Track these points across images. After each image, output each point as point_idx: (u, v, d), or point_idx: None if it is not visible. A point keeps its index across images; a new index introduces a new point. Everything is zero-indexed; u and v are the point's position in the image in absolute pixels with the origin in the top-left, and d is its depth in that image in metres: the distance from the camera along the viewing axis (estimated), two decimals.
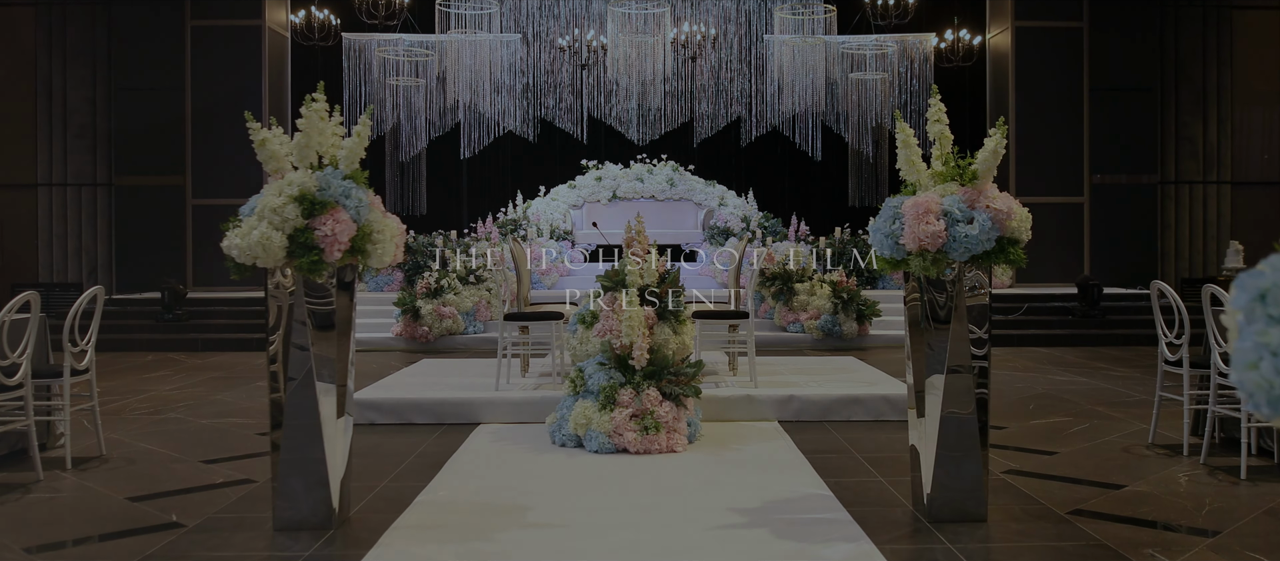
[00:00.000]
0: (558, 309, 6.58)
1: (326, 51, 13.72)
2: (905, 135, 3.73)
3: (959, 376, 3.70)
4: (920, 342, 3.80)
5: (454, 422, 5.78)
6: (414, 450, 5.08)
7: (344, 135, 3.84)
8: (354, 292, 3.83)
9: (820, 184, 14.52)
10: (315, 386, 3.67)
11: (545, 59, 13.90)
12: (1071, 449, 5.07)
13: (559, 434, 5.08)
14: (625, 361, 5.11)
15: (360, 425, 5.76)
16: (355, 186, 3.65)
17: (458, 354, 9.49)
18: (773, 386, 6.18)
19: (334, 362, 3.71)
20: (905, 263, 3.69)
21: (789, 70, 13.63)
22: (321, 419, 3.68)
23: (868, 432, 5.50)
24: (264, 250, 3.49)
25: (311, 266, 3.53)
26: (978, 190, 3.62)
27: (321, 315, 3.68)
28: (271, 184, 3.61)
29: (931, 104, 3.80)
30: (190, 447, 5.18)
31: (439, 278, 10.17)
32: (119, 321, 10.72)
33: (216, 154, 12.39)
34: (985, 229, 3.53)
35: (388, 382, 6.61)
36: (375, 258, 3.68)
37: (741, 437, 5.31)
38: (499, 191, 14.30)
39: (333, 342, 3.71)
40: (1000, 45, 13.49)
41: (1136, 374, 8.02)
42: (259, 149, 3.65)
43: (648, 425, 4.89)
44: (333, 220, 3.54)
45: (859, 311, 9.97)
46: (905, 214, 3.61)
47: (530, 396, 5.85)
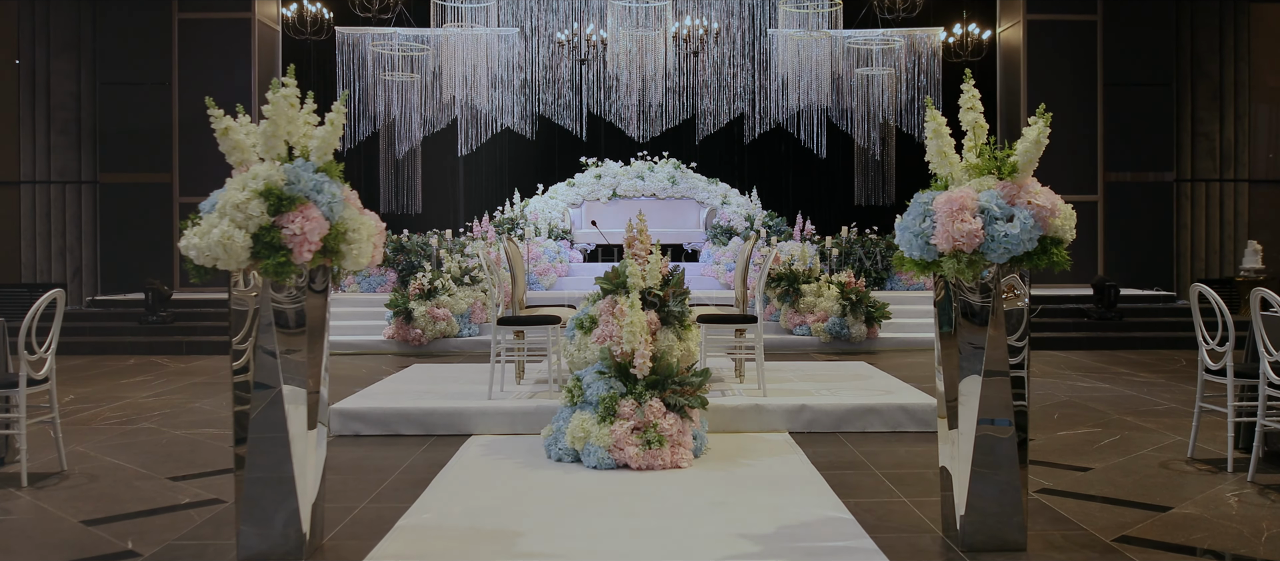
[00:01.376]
0: (555, 312, 6.22)
1: (319, 46, 13.37)
2: (936, 124, 3.37)
3: (995, 388, 3.35)
4: (952, 351, 3.45)
5: (443, 434, 5.42)
6: (399, 465, 4.73)
7: (318, 124, 3.48)
8: (328, 296, 3.47)
9: (825, 182, 14.17)
10: (284, 398, 3.32)
11: (544, 53, 13.54)
12: (1106, 464, 4.72)
13: (555, 448, 4.73)
14: (626, 370, 4.76)
15: (344, 437, 5.41)
16: (328, 180, 3.29)
17: (452, 357, 9.13)
18: (782, 395, 5.82)
19: (305, 370, 3.36)
20: (936, 265, 3.34)
21: (793, 65, 13.26)
22: (291, 434, 3.32)
23: (886, 446, 5.15)
24: (225, 251, 3.13)
25: (278, 269, 3.17)
26: (1018, 185, 3.27)
27: (291, 321, 3.33)
28: (235, 177, 3.26)
29: (964, 89, 3.44)
30: (159, 462, 4.83)
31: (433, 278, 9.82)
32: (101, 323, 10.37)
33: (205, 151, 12.00)
34: (1027, 228, 3.18)
35: (375, 390, 6.26)
36: (350, 259, 3.33)
37: (751, 451, 4.95)
38: (496, 189, 13.95)
39: (303, 349, 3.35)
40: (1011, 39, 13.14)
41: (1160, 380, 7.67)
42: (222, 138, 3.30)
43: (650, 439, 4.54)
44: (302, 217, 3.18)
45: (868, 313, 9.62)
46: (937, 211, 3.26)
47: (525, 406, 5.50)
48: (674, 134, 13.83)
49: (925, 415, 5.50)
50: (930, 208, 3.31)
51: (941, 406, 3.53)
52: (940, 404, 3.54)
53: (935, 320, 3.54)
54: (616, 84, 13.47)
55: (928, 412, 5.51)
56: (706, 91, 13.73)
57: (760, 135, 13.85)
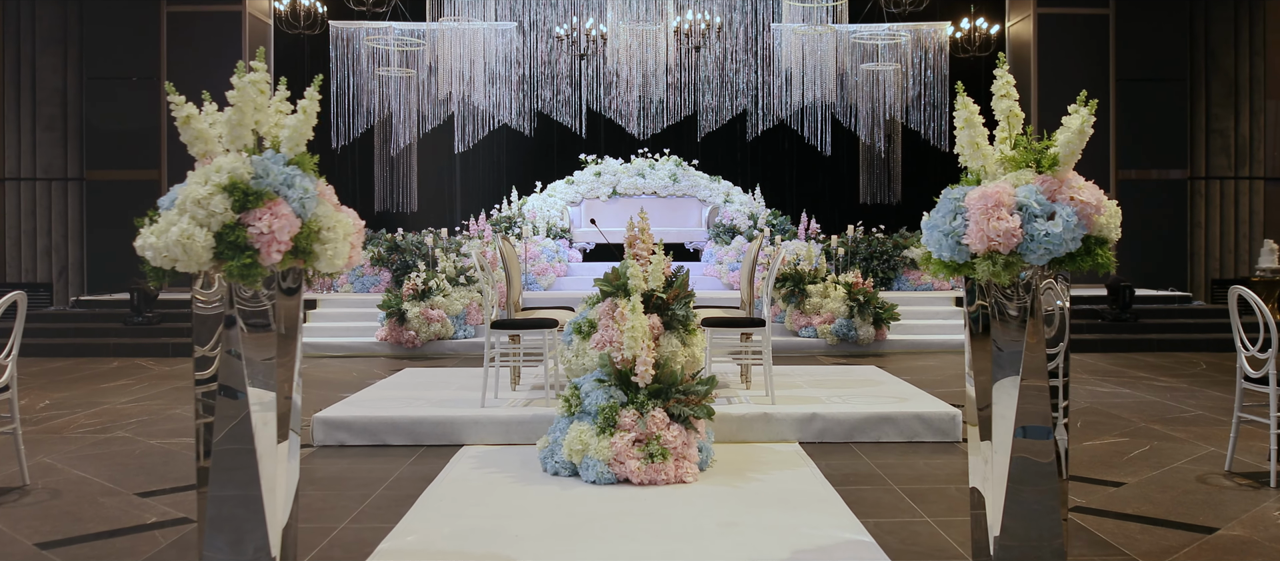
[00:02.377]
0: (552, 315, 5.92)
1: (313, 40, 13.07)
2: (969, 112, 3.07)
3: (1033, 400, 3.05)
4: (985, 359, 3.15)
5: (433, 444, 5.13)
6: (385, 479, 4.43)
7: (291, 113, 3.18)
8: (301, 299, 3.17)
9: (830, 180, 13.87)
10: (251, 410, 3.01)
11: (542, 49, 13.23)
12: (1139, 478, 4.42)
13: (551, 461, 4.44)
14: (627, 377, 4.46)
15: (328, 447, 5.11)
16: (300, 173, 2.99)
17: (446, 360, 8.84)
18: (791, 402, 5.53)
19: (274, 380, 3.05)
20: (968, 267, 3.04)
21: (797, 61, 12.97)
22: (259, 451, 3.02)
23: (903, 457, 4.85)
24: (185, 251, 2.83)
25: (244, 271, 2.87)
26: (1059, 179, 2.97)
27: (260, 327, 3.02)
28: (197, 170, 2.96)
29: (997, 75, 3.14)
30: (128, 475, 4.53)
31: (427, 278, 9.52)
32: (86, 324, 10.07)
33: None
34: (1070, 226, 2.88)
35: (363, 397, 5.96)
36: (325, 260, 3.02)
37: (760, 463, 4.66)
38: (493, 188, 13.65)
39: (273, 357, 3.05)
40: (1021, 34, 12.83)
41: (1182, 384, 7.37)
42: (183, 128, 3.00)
43: (653, 452, 4.24)
44: (271, 215, 2.88)
45: (876, 315, 9.32)
46: (970, 208, 2.96)
47: (520, 414, 5.20)
48: (675, 131, 13.53)
49: (943, 424, 5.21)
50: (962, 204, 3.01)
51: (972, 414, 3.23)
52: (970, 410, 3.24)
53: (966, 325, 3.24)
54: (616, 79, 13.17)
55: (946, 422, 5.21)
56: (708, 87, 13.43)
57: (763, 132, 13.56)
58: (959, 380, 7.54)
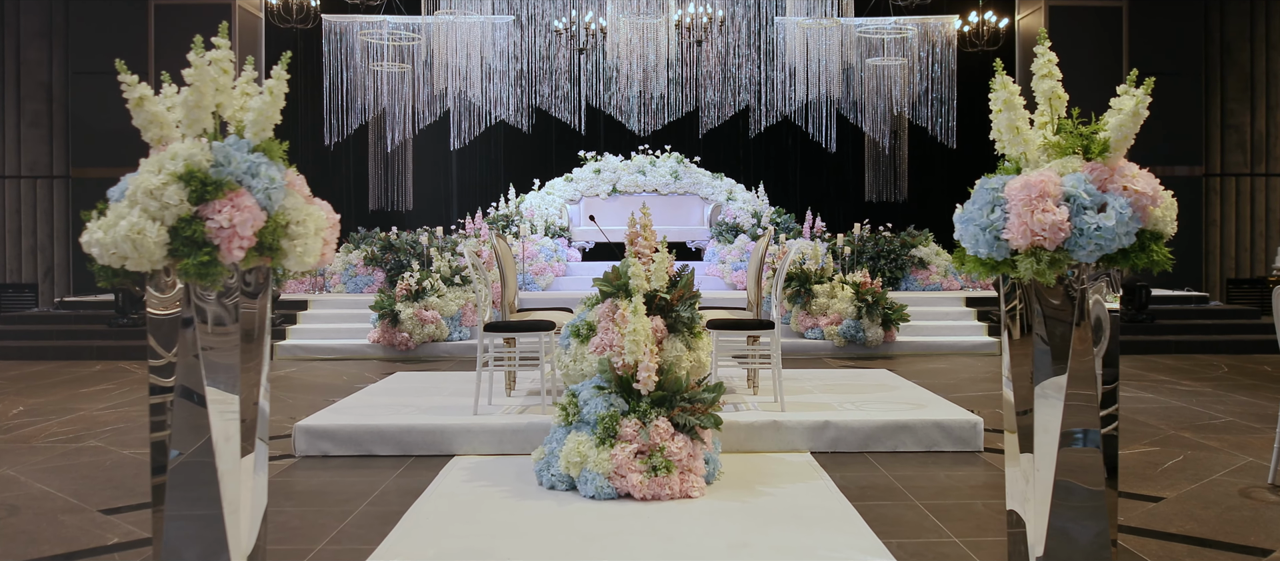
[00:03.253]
0: (549, 316, 5.63)
1: (305, 35, 12.77)
2: (1008, 93, 2.77)
3: (1080, 410, 2.76)
4: (1025, 365, 2.85)
5: (423, 454, 4.83)
6: (369, 492, 4.14)
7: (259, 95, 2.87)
8: (267, 300, 2.87)
9: (835, 177, 13.58)
10: (210, 419, 2.71)
11: (540, 43, 12.93)
12: (1178, 492, 4.12)
13: (547, 474, 4.13)
14: (629, 384, 4.16)
15: (310, 458, 4.81)
16: (266, 162, 2.69)
17: (440, 363, 8.54)
18: (802, 409, 5.23)
19: (237, 390, 2.76)
20: (1008, 264, 2.74)
21: (801, 55, 12.68)
22: (220, 468, 2.72)
23: (922, 469, 4.55)
24: (135, 248, 2.53)
25: (202, 270, 2.57)
26: (1110, 167, 2.67)
27: (222, 332, 2.72)
28: (151, 158, 2.66)
29: (1038, 53, 2.85)
30: (95, 490, 4.23)
31: (421, 278, 9.21)
32: (69, 326, 9.77)
33: None
34: (1124, 219, 2.58)
35: (349, 404, 5.66)
36: (294, 257, 2.72)
37: (770, 476, 4.36)
38: (490, 185, 13.35)
39: (235, 365, 2.75)
40: (1031, 27, 12.54)
41: (1207, 388, 7.08)
42: (136, 111, 2.70)
43: (656, 464, 3.94)
44: (232, 207, 2.58)
45: (885, 316, 9.02)
46: (1011, 199, 2.66)
47: (514, 422, 4.90)
48: (676, 127, 13.24)
49: (963, 433, 4.91)
50: (1001, 195, 2.71)
51: (1011, 420, 2.93)
52: (1008, 416, 2.94)
53: (1003, 327, 2.94)
54: (616, 75, 12.87)
55: (966, 430, 4.91)
56: (710, 83, 13.13)
57: (767, 128, 13.26)
58: (973, 384, 7.25)
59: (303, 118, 13.13)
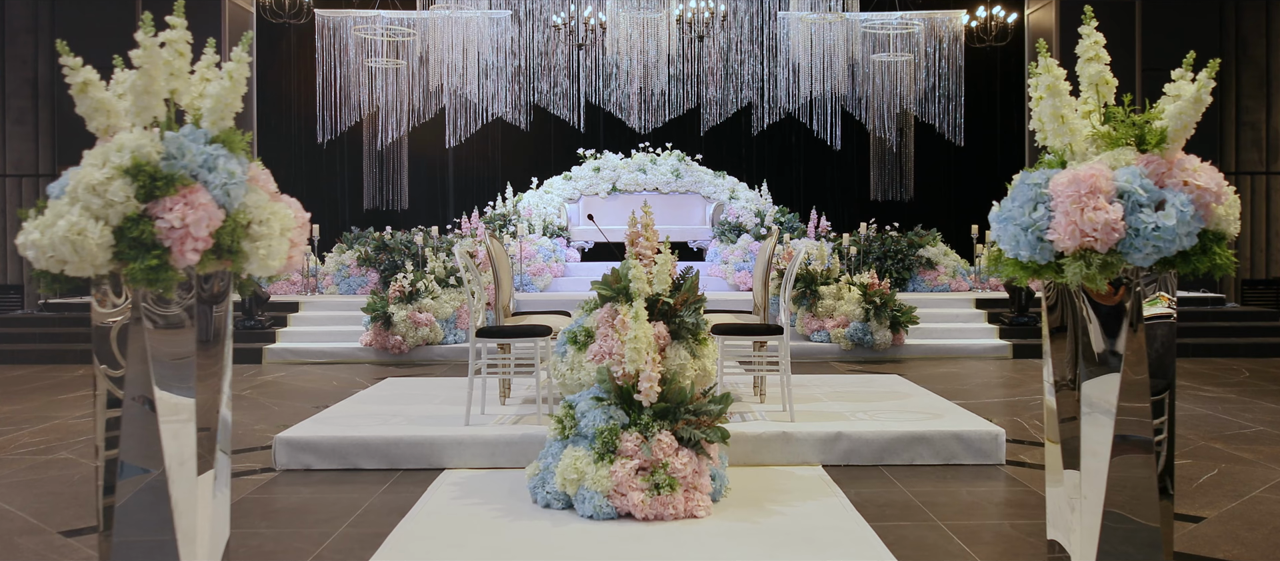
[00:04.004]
0: (545, 321, 5.35)
1: (298, 30, 12.49)
2: (1052, 77, 2.49)
3: (1134, 427, 2.48)
4: (1069, 375, 2.57)
5: (411, 468, 4.54)
6: (353, 510, 3.86)
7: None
8: (228, 307, 2.59)
9: (840, 175, 13.29)
10: (161, 436, 2.44)
11: (538, 38, 12.65)
12: (1219, 511, 3.84)
13: (542, 491, 3.85)
14: (629, 395, 3.88)
15: (292, 471, 4.53)
16: (225, 154, 2.41)
17: (434, 367, 8.26)
18: (813, 419, 4.95)
19: (191, 395, 2.48)
20: (1052, 268, 2.46)
21: (805, 51, 12.40)
22: (173, 491, 2.45)
23: (941, 484, 4.27)
24: (75, 250, 2.26)
25: (151, 275, 2.29)
26: (1168, 159, 2.39)
27: (174, 340, 2.45)
28: (95, 150, 2.38)
29: (1084, 33, 2.57)
30: (59, 508, 3.95)
31: (415, 279, 8.93)
32: (53, 329, 9.49)
33: None
34: (1185, 218, 2.30)
35: (335, 413, 5.38)
36: (257, 261, 2.44)
37: (780, 492, 4.08)
38: (487, 184, 13.07)
39: (190, 378, 2.47)
40: (1041, 22, 12.25)
41: (1232, 395, 6.80)
42: (80, 96, 2.43)
43: (659, 482, 3.66)
44: (185, 204, 2.30)
45: (893, 318, 8.74)
46: (1057, 195, 2.38)
47: (508, 434, 4.62)
48: (677, 124, 12.96)
49: (984, 445, 4.63)
50: (1045, 191, 2.43)
51: (1052, 430, 2.66)
52: (1050, 426, 2.66)
53: (1045, 338, 2.66)
54: (616, 71, 12.59)
55: (987, 442, 4.63)
56: (712, 79, 12.85)
57: (770, 126, 12.98)
58: (987, 390, 6.97)
59: (296, 115, 12.84)
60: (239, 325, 9.10)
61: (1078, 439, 2.57)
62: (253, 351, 8.72)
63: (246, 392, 6.91)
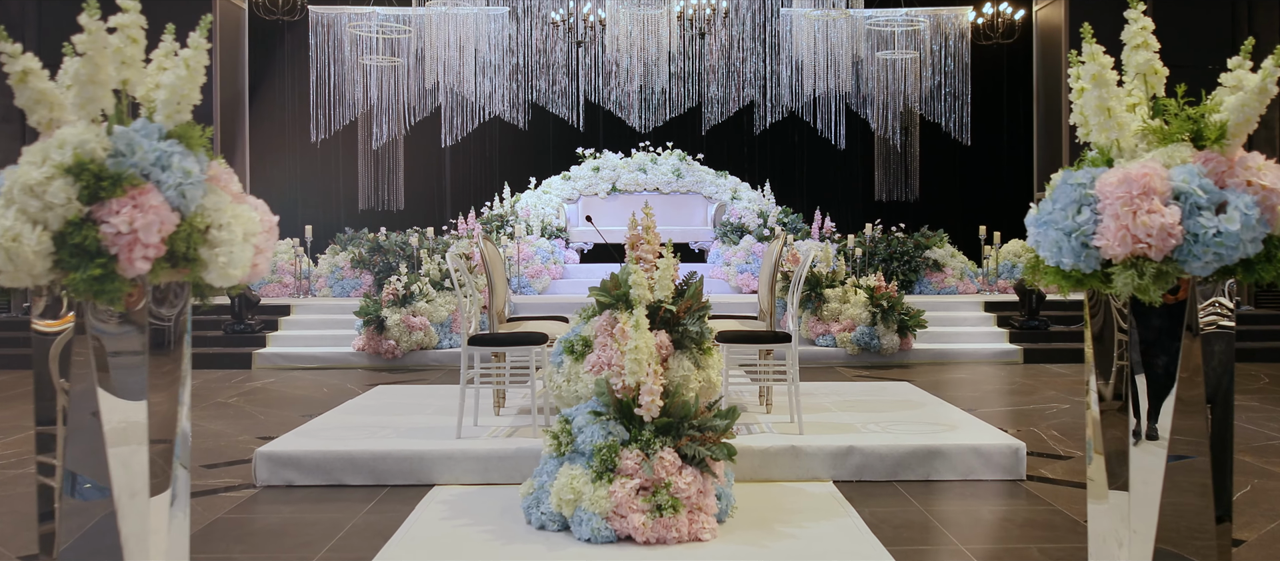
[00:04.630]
0: (542, 327, 5.11)
1: (291, 27, 12.25)
2: (1098, 65, 2.25)
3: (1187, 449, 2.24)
4: (1116, 387, 2.33)
5: (399, 484, 4.30)
6: (335, 532, 3.62)
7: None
8: (186, 321, 2.35)
9: (844, 175, 13.04)
10: (106, 453, 2.21)
11: (537, 35, 12.41)
12: (1258, 533, 3.60)
13: (536, 512, 3.61)
14: (629, 409, 3.64)
15: (274, 488, 4.30)
16: (180, 150, 2.17)
17: (429, 373, 8.02)
18: (822, 431, 4.71)
19: (142, 409, 2.24)
20: (1097, 277, 2.22)
21: (808, 48, 12.16)
22: (120, 515, 2.21)
23: (960, 502, 4.03)
24: (10, 258, 2.02)
25: (95, 285, 2.05)
26: (1228, 157, 2.15)
27: (121, 341, 2.21)
28: (34, 146, 2.14)
29: (1130, 18, 2.33)
30: (20, 529, 3.71)
31: (409, 281, 8.69)
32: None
33: None
34: (1250, 222, 2.06)
35: (321, 424, 5.14)
36: (216, 269, 2.20)
37: (790, 511, 3.84)
38: (485, 184, 12.82)
39: (141, 381, 2.23)
40: (1050, 18, 12.01)
41: (1252, 403, 6.55)
42: (19, 86, 2.19)
43: (662, 503, 3.42)
44: (133, 207, 2.06)
45: (901, 322, 8.50)
46: (1104, 196, 2.14)
47: (501, 448, 4.38)
48: (678, 123, 12.72)
49: (1004, 460, 4.38)
50: (1091, 192, 2.19)
51: (1097, 440, 2.42)
52: (1095, 434, 2.42)
53: (1089, 352, 2.42)
54: (616, 69, 12.36)
55: (1007, 457, 4.39)
56: (714, 77, 12.61)
57: (772, 125, 12.75)
58: (1000, 398, 6.73)
59: (289, 114, 12.60)
60: (228, 329, 8.86)
61: (1124, 455, 2.33)
62: (242, 356, 8.48)
63: (232, 400, 6.67)
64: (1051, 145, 12.15)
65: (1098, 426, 2.42)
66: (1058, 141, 11.85)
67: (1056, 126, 11.90)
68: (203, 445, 5.15)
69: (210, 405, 6.44)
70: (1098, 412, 2.42)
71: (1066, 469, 4.57)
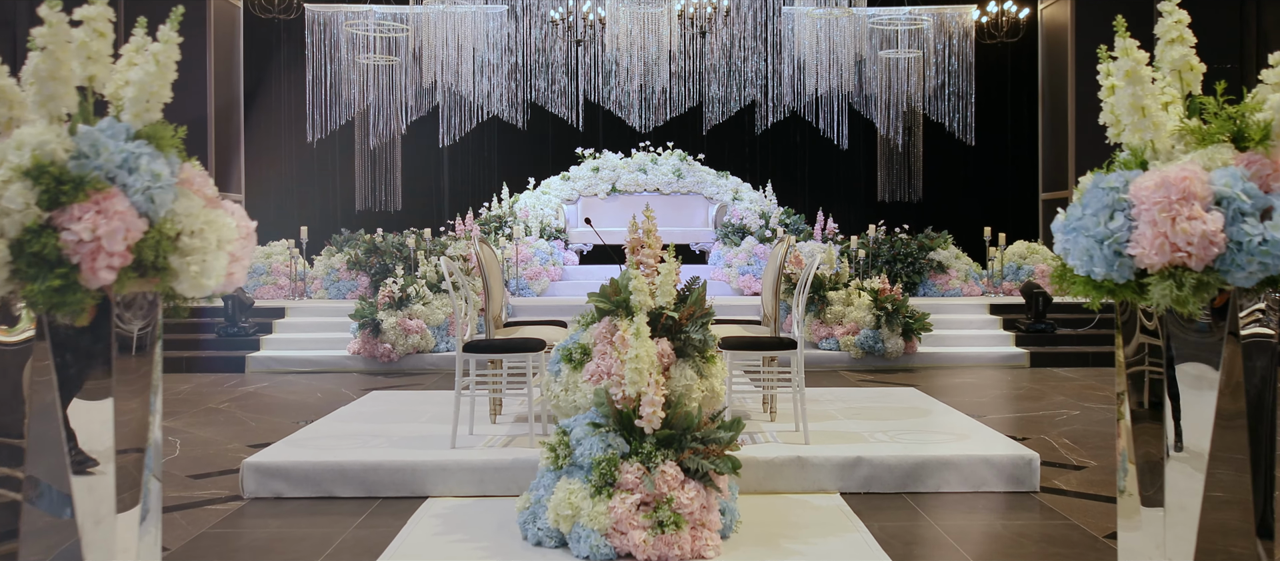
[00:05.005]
0: (539, 333, 4.96)
1: (287, 25, 12.10)
2: (1133, 61, 2.11)
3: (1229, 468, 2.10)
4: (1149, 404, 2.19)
5: (391, 496, 4.16)
6: (322, 550, 3.47)
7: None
8: (157, 334, 2.21)
9: (846, 175, 12.89)
10: (67, 468, 2.07)
11: (536, 34, 12.27)
12: None
13: (533, 527, 3.47)
14: (630, 421, 3.50)
15: (262, 500, 4.15)
16: (149, 151, 2.03)
17: (425, 378, 7.87)
18: (828, 440, 4.56)
19: (107, 418, 2.10)
20: (1132, 288, 2.08)
21: (810, 47, 12.02)
22: (83, 537, 2.07)
23: (972, 515, 3.88)
24: None
25: (55, 297, 1.91)
26: (1273, 160, 2.01)
27: (85, 348, 2.07)
28: None
29: (1165, 12, 2.19)
30: None
31: (405, 284, 8.54)
32: None
33: None
34: None
35: (312, 433, 4.99)
36: (188, 279, 2.06)
37: (796, 525, 3.70)
38: (483, 184, 12.68)
39: (106, 389, 2.09)
40: (1056, 17, 11.87)
41: None
42: None
43: (663, 519, 3.28)
44: (96, 212, 1.92)
45: (906, 325, 8.35)
46: (1140, 201, 2.00)
47: (497, 458, 4.23)
48: (679, 123, 12.56)
49: (1017, 471, 4.24)
50: (1124, 197, 2.05)
51: (1130, 450, 2.28)
52: (1128, 444, 2.28)
53: (1119, 359, 2.28)
54: (616, 68, 12.21)
55: (1020, 468, 4.25)
56: (715, 76, 12.47)
57: (774, 124, 12.60)
58: (1008, 403, 6.59)
59: (285, 113, 12.45)
60: (221, 332, 8.71)
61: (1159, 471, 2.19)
62: (235, 360, 8.33)
63: (224, 405, 6.53)
64: (1057, 145, 12.01)
65: (1131, 440, 2.28)
66: (1063, 142, 11.71)
67: (1062, 126, 11.75)
68: (191, 454, 5.01)
69: (201, 411, 6.29)
70: (1130, 426, 2.28)
71: (1081, 480, 4.42)
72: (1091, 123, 11.52)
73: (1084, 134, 11.14)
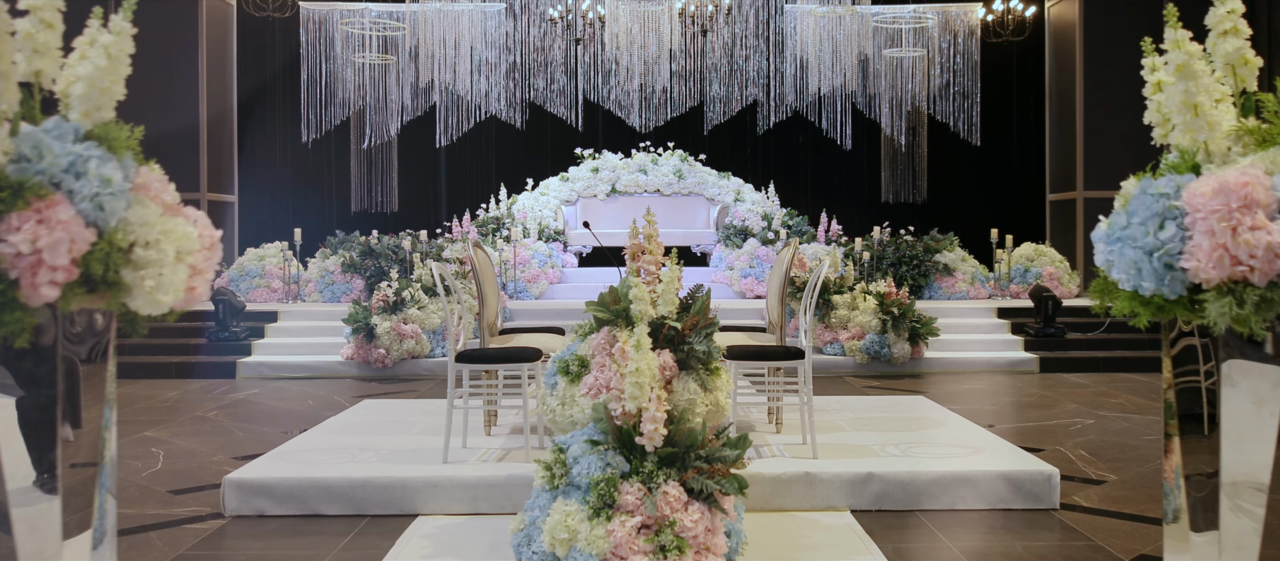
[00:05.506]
0: (535, 342, 4.77)
1: (281, 24, 11.90)
2: (1186, 53, 1.91)
3: None
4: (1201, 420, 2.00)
5: (379, 514, 3.97)
6: None
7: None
8: (110, 352, 2.02)
9: (849, 176, 12.70)
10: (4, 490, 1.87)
11: (534, 33, 12.07)
12: None
13: (528, 550, 3.27)
14: (630, 438, 3.30)
15: (244, 518, 3.96)
16: (99, 154, 1.84)
17: (420, 384, 7.68)
18: (837, 454, 4.37)
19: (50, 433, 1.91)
20: (1184, 304, 1.88)
21: (813, 46, 11.82)
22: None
23: (991, 536, 3.69)
24: None
25: None
26: None
27: (28, 360, 1.87)
28: None
29: (1217, 2, 1.99)
30: None
31: (400, 288, 8.35)
32: None
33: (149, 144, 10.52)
34: None
35: (298, 446, 4.80)
36: (141, 294, 1.86)
37: (805, 548, 3.50)
38: (481, 185, 12.48)
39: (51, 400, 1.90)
40: (1064, 15, 11.67)
41: None
42: None
43: (666, 544, 3.08)
44: (37, 221, 1.73)
45: (913, 330, 8.16)
46: (1195, 209, 1.81)
47: (491, 474, 4.04)
48: (679, 123, 12.37)
49: (1036, 487, 4.05)
50: (1177, 204, 1.85)
51: (1177, 464, 2.09)
52: (1178, 476, 2.09)
53: (1167, 373, 2.09)
54: (616, 67, 12.02)
55: (1039, 484, 4.06)
56: (716, 75, 12.27)
57: (776, 124, 12.41)
58: (1019, 411, 6.39)
59: (279, 113, 12.25)
60: (212, 336, 8.52)
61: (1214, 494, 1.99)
62: (226, 366, 8.14)
63: (212, 414, 6.33)
64: (1064, 145, 11.81)
65: (1181, 461, 2.08)
66: (1071, 142, 11.51)
67: (1070, 126, 11.55)
68: (173, 467, 4.81)
69: (186, 420, 6.10)
70: (1180, 446, 2.09)
71: (1102, 495, 4.23)
72: (1099, 122, 11.35)
73: (1092, 134, 10.94)
